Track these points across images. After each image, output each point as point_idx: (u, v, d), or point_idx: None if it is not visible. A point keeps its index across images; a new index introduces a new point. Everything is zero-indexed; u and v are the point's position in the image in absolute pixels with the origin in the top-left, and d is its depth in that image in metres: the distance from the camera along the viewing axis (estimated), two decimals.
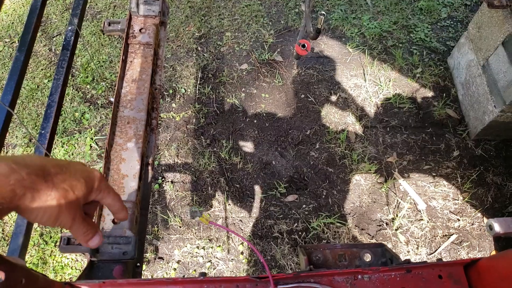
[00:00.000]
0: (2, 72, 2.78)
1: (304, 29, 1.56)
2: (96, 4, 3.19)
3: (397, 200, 2.17)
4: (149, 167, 1.25)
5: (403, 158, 2.31)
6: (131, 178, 1.14)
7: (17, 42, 2.95)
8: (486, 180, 2.22)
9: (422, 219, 2.12)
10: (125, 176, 1.13)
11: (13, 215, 2.08)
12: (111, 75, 2.72)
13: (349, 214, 2.15)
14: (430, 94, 2.56)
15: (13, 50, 2.87)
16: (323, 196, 2.19)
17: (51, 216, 0.52)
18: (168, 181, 2.24)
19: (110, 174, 1.14)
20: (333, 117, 2.49)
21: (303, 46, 1.53)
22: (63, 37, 2.04)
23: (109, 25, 1.52)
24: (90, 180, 0.57)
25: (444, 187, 2.21)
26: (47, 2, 1.72)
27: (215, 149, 2.37)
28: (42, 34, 2.96)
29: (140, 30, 1.50)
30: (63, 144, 2.39)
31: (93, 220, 0.66)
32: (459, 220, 2.11)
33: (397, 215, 2.12)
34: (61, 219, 0.54)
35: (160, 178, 2.25)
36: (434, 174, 2.25)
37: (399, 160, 2.31)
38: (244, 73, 2.72)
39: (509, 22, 1.98)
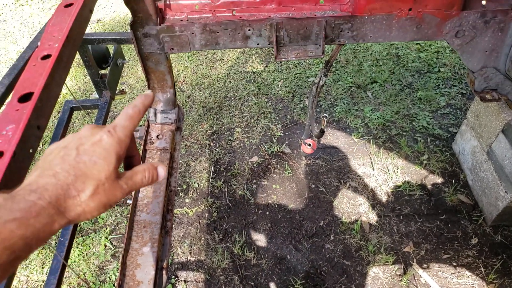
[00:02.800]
0: None
1: (309, 128, 1.67)
2: (116, 108, 3.45)
3: None
4: (164, 272, 1.26)
5: (420, 248, 2.26)
6: (145, 284, 1.15)
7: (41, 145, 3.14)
8: (511, 269, 2.13)
9: None
10: (140, 283, 1.14)
11: None
12: None
13: None
14: (439, 180, 2.59)
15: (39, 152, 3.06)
16: None
17: (99, 210, 0.51)
18: (181, 281, 2.19)
19: (126, 281, 1.15)
20: (345, 206, 2.51)
21: (309, 145, 1.63)
22: None
23: None
24: (109, 153, 0.53)
25: (468, 278, 2.12)
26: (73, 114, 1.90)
27: (228, 244, 2.35)
28: None
29: (157, 136, 1.62)
30: (78, 244, 2.41)
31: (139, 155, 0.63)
32: None
33: None
34: (113, 201, 0.52)
35: (173, 277, 2.21)
36: (454, 263, 2.18)
37: (416, 249, 2.25)
38: (255, 165, 2.82)
39: (505, 112, 2.09)
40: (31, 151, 0.66)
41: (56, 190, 0.47)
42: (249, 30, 1.40)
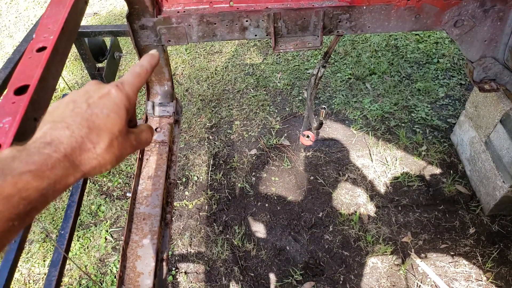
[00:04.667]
0: None
1: (307, 120, 1.67)
2: None
3: (417, 284, 2.09)
4: (164, 263, 1.27)
5: (418, 238, 2.27)
6: (146, 275, 1.15)
7: None
8: (508, 257, 2.15)
9: None
10: (140, 274, 1.15)
11: None
12: (126, 167, 2.84)
13: None
14: (437, 171, 2.60)
15: None
16: (341, 282, 2.12)
17: (112, 163, 0.51)
18: (181, 272, 2.21)
19: (126, 272, 1.16)
20: (344, 198, 2.51)
21: (307, 136, 1.63)
22: None
23: None
24: (119, 107, 0.52)
25: (465, 266, 2.13)
26: None
27: (227, 236, 2.36)
28: None
29: (155, 129, 1.62)
30: (79, 237, 2.42)
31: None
32: None
33: None
34: (125, 154, 0.53)
35: (173, 269, 2.22)
36: (452, 253, 2.19)
37: (414, 239, 2.26)
38: (254, 158, 2.82)
39: (503, 102, 2.09)
40: None
41: (71, 142, 0.47)
42: (247, 21, 1.39)
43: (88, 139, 0.48)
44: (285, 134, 2.96)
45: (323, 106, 1.49)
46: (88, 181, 2.76)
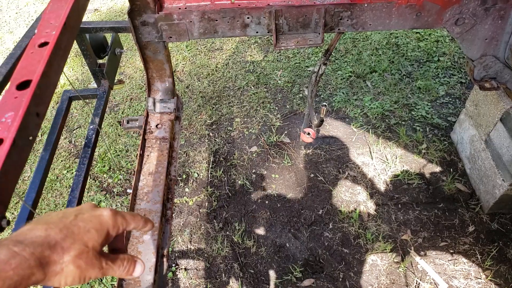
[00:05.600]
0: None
1: (308, 117, 1.67)
2: (114, 98, 3.44)
3: (417, 281, 2.10)
4: (164, 259, 1.27)
5: (417, 235, 2.28)
6: (146, 271, 1.16)
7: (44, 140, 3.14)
8: (507, 256, 2.15)
9: None
10: None
11: None
12: (127, 164, 2.84)
13: None
14: (437, 169, 2.60)
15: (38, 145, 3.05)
16: (340, 279, 2.13)
17: (75, 278, 0.51)
18: (181, 269, 2.21)
19: None
20: (344, 195, 2.52)
21: (308, 134, 1.63)
22: (85, 134, 2.20)
23: (128, 122, 1.65)
24: (102, 227, 0.56)
25: (464, 264, 2.14)
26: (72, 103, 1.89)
27: (227, 232, 2.37)
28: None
29: (156, 126, 1.62)
30: None
31: (125, 247, 0.64)
32: None
33: None
34: (89, 275, 0.53)
35: (173, 265, 2.23)
36: (451, 251, 2.20)
37: (414, 237, 2.27)
38: (254, 155, 2.82)
39: (503, 100, 2.09)
40: (31, 138, 0.66)
41: (43, 242, 0.49)
42: (248, 18, 1.39)
43: (60, 244, 0.50)
44: (286, 132, 2.96)
45: (324, 103, 1.50)
46: (89, 177, 2.76)
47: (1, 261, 0.44)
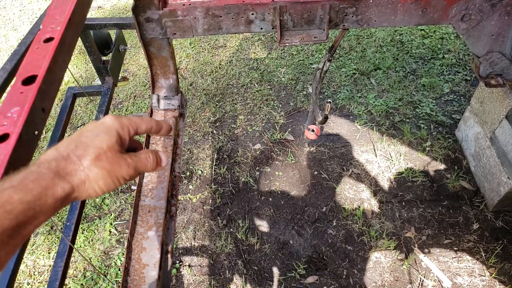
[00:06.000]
0: None
1: (312, 114, 1.67)
2: (118, 95, 3.45)
3: (420, 278, 2.09)
4: (169, 255, 1.27)
5: (421, 233, 2.27)
6: (151, 267, 1.16)
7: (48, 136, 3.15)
8: (511, 253, 2.14)
9: None
10: (146, 265, 1.16)
11: None
12: None
13: None
14: (442, 166, 2.59)
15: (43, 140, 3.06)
16: (344, 276, 2.13)
17: (106, 180, 0.53)
18: (185, 265, 2.22)
19: (132, 263, 1.16)
20: (348, 193, 2.51)
21: (313, 130, 1.62)
22: None
23: None
24: (109, 129, 0.56)
25: (468, 262, 2.13)
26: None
27: (231, 229, 2.37)
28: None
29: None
30: (83, 230, 2.43)
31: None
32: None
33: None
34: (120, 173, 0.54)
35: (177, 262, 2.24)
36: (456, 248, 2.19)
37: (418, 235, 2.26)
38: (258, 152, 2.82)
39: (509, 97, 2.08)
40: (36, 133, 0.66)
41: (56, 157, 0.51)
42: (252, 14, 1.39)
43: (73, 153, 0.52)
44: (289, 129, 2.96)
45: (329, 100, 1.49)
46: None
47: (19, 178, 0.46)
